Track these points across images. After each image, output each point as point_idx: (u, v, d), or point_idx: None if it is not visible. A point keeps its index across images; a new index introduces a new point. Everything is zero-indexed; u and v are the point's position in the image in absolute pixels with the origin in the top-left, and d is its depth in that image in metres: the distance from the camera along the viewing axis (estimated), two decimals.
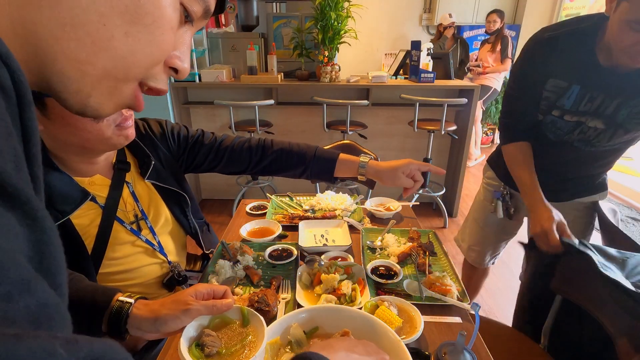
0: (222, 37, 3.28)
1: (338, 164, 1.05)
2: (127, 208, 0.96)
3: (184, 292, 0.67)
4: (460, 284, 0.96)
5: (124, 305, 0.65)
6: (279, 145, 1.10)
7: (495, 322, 1.28)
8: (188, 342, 0.65)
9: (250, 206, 1.44)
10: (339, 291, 0.90)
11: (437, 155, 3.18)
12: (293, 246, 1.14)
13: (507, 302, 2.14)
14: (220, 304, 0.67)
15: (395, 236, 1.20)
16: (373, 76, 2.90)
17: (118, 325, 0.64)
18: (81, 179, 0.88)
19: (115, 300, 0.66)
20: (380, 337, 0.65)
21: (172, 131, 1.09)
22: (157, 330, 0.65)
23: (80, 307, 0.65)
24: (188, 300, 0.65)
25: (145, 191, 1.02)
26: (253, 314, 0.71)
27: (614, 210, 1.30)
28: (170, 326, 0.64)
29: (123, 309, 0.65)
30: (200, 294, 0.68)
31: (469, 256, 1.69)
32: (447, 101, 2.63)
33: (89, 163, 0.90)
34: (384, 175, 1.00)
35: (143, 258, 0.99)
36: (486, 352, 0.78)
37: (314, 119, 3.04)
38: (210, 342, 0.65)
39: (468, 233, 1.68)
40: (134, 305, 0.65)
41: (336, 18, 2.76)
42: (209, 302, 0.67)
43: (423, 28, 5.21)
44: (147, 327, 0.64)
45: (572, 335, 1.07)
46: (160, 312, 0.64)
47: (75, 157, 0.87)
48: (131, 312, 0.65)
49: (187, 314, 0.64)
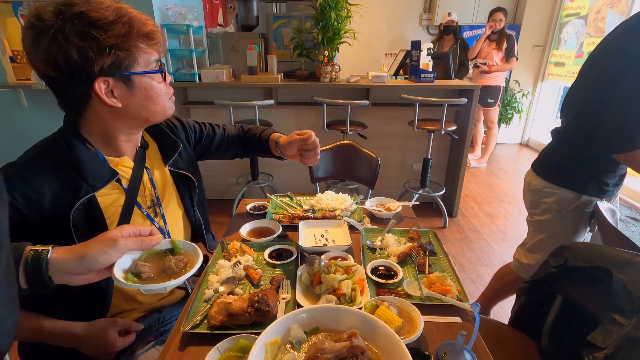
0: (222, 37, 3.28)
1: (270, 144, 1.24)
2: (145, 192, 0.99)
3: (108, 232, 0.67)
4: (460, 284, 0.96)
5: (41, 253, 0.63)
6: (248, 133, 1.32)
7: (495, 322, 1.28)
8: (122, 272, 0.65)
9: (250, 206, 1.44)
10: (339, 291, 0.90)
11: (437, 155, 3.18)
12: (293, 246, 1.14)
13: (507, 302, 2.14)
14: (149, 239, 0.67)
15: (395, 236, 1.20)
16: (373, 76, 2.90)
17: (39, 273, 0.61)
18: (111, 158, 0.91)
19: (28, 250, 0.63)
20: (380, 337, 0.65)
21: (188, 123, 1.20)
22: (86, 269, 0.63)
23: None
24: (114, 236, 0.65)
25: (162, 178, 1.05)
26: (185, 242, 0.72)
27: (612, 211, 1.30)
28: (99, 262, 0.63)
29: (40, 256, 0.62)
30: (126, 232, 0.67)
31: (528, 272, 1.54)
32: (447, 101, 2.63)
33: (129, 141, 0.94)
34: (285, 149, 1.16)
35: None
36: (486, 352, 0.78)
37: (314, 119, 3.04)
38: (146, 270, 0.66)
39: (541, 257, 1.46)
40: (51, 251, 0.63)
41: (336, 18, 2.76)
42: (138, 237, 0.67)
43: (423, 28, 5.22)
44: (73, 268, 0.63)
45: (572, 335, 1.07)
46: (86, 251, 0.64)
47: (124, 135, 0.91)
48: (50, 257, 0.63)
49: (116, 249, 0.64)
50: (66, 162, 0.83)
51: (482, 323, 0.72)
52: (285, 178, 3.31)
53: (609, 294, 0.87)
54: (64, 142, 0.84)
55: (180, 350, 0.78)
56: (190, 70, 2.83)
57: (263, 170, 3.22)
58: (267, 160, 3.20)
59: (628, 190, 3.57)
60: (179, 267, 0.71)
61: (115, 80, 0.79)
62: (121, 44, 0.77)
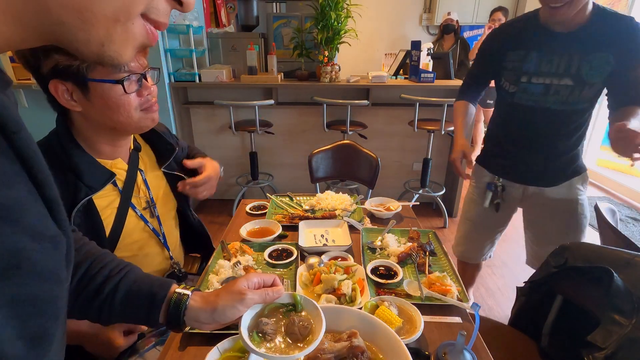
0: (222, 37, 3.28)
1: None
2: (140, 194, 0.99)
3: (236, 282, 0.68)
4: (461, 284, 0.96)
5: (182, 297, 0.65)
6: None
7: (495, 322, 1.28)
8: (248, 330, 0.66)
9: (250, 206, 1.44)
10: (339, 291, 0.90)
11: (437, 155, 3.18)
12: (293, 246, 1.14)
13: (507, 302, 2.14)
14: (272, 293, 0.68)
15: (395, 236, 1.20)
16: (373, 76, 2.90)
17: (177, 316, 0.64)
18: (104, 161, 0.92)
19: (172, 292, 0.66)
20: (380, 337, 0.65)
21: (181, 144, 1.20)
22: (214, 321, 0.65)
23: (138, 298, 0.66)
24: (242, 289, 0.66)
25: (157, 181, 1.06)
26: (305, 298, 0.71)
27: (612, 210, 1.30)
28: (227, 316, 0.65)
29: (181, 301, 0.65)
30: (252, 283, 0.69)
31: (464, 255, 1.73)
32: (447, 101, 2.63)
33: (114, 146, 0.94)
34: None
35: (149, 247, 1.03)
36: (486, 352, 0.78)
37: (314, 119, 3.04)
38: (269, 329, 0.66)
39: (462, 234, 1.70)
40: (190, 297, 0.66)
41: (336, 18, 2.76)
42: (262, 290, 0.68)
43: (423, 28, 5.21)
44: (205, 318, 0.65)
45: (572, 335, 1.07)
46: (217, 303, 0.65)
47: (104, 139, 0.91)
48: (189, 304, 0.65)
49: (243, 304, 0.65)
50: (63, 165, 0.84)
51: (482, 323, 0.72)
52: (285, 178, 3.31)
53: (609, 294, 0.87)
54: (58, 145, 0.84)
55: (180, 350, 0.79)
56: (190, 70, 2.83)
57: (263, 170, 3.22)
58: (267, 160, 3.21)
59: (628, 190, 3.57)
60: (303, 333, 0.68)
61: (70, 84, 0.79)
62: None
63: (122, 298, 0.65)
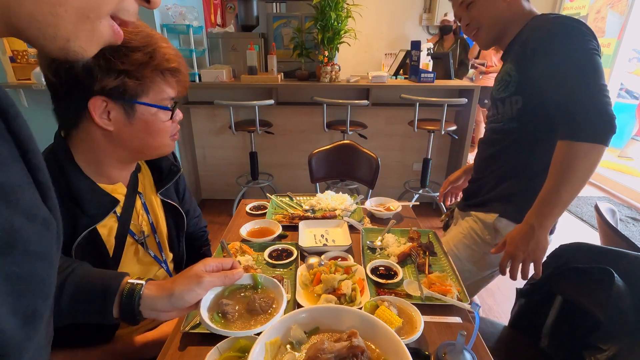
0: (222, 37, 3.28)
1: None
2: (138, 220, 0.94)
3: (193, 267, 0.67)
4: (461, 284, 0.96)
5: (136, 287, 0.64)
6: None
7: (495, 322, 1.28)
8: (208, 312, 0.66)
9: (250, 206, 1.44)
10: (339, 291, 0.90)
11: (437, 155, 3.18)
12: (293, 246, 1.14)
13: (507, 302, 2.14)
14: (232, 274, 0.68)
15: (395, 236, 1.20)
16: (373, 76, 2.90)
17: (131, 307, 0.63)
18: (106, 186, 0.86)
19: (125, 282, 0.65)
20: (380, 337, 0.65)
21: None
22: (173, 307, 0.64)
23: (89, 292, 0.64)
24: (200, 273, 0.66)
25: (154, 206, 1.00)
26: (266, 278, 0.72)
27: (612, 211, 1.30)
28: (186, 300, 0.64)
29: (135, 290, 0.63)
30: (210, 267, 0.68)
31: None
32: (447, 101, 2.63)
33: (121, 169, 0.89)
34: None
35: (150, 274, 0.98)
36: (486, 352, 0.78)
37: (314, 119, 3.04)
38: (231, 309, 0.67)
39: None
40: (145, 286, 0.65)
41: (336, 18, 2.76)
42: (221, 272, 0.68)
43: (423, 28, 5.21)
44: (162, 305, 0.64)
45: (572, 335, 1.07)
46: (174, 289, 0.64)
47: (116, 162, 0.86)
48: (143, 292, 0.64)
49: (201, 286, 0.65)
50: (62, 191, 0.77)
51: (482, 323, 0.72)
52: (285, 178, 3.31)
53: (609, 294, 0.87)
54: (56, 166, 0.78)
55: (180, 350, 0.78)
56: (190, 70, 2.83)
57: (263, 170, 3.22)
58: (267, 160, 3.21)
59: (628, 190, 3.56)
60: (264, 309, 0.69)
61: (115, 103, 0.76)
62: (134, 72, 0.74)
63: (71, 295, 0.63)
